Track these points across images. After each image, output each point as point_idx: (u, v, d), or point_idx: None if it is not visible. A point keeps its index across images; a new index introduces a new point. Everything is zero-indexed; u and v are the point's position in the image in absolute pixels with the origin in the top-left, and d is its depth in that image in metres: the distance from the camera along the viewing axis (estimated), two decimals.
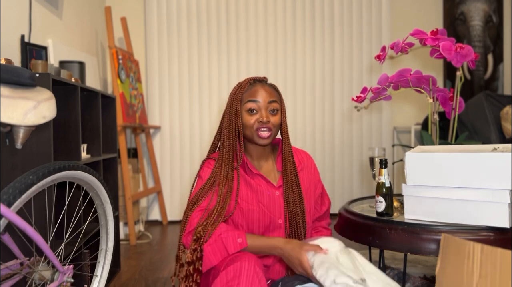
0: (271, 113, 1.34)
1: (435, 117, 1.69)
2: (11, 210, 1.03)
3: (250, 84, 1.37)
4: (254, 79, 1.39)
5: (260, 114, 1.33)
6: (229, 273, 1.14)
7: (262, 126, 1.33)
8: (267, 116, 1.33)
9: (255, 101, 1.33)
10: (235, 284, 1.12)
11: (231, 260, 1.17)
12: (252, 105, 1.33)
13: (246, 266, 1.14)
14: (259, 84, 1.37)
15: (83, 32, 3.09)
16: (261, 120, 1.32)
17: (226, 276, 1.14)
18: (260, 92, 1.34)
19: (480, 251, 0.85)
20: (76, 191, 1.56)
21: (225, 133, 1.36)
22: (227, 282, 1.13)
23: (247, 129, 1.35)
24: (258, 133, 1.33)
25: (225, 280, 1.14)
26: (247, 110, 1.34)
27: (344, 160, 3.95)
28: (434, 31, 1.57)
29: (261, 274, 1.15)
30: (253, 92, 1.34)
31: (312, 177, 1.50)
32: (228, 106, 1.38)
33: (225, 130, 1.36)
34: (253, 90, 1.35)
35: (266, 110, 1.33)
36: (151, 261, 2.63)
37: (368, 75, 3.95)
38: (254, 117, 1.33)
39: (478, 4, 4.15)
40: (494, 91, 4.15)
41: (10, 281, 1.23)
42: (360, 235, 1.46)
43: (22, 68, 1.14)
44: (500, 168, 1.22)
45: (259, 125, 1.33)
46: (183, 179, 3.76)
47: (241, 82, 1.38)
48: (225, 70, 3.80)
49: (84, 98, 2.17)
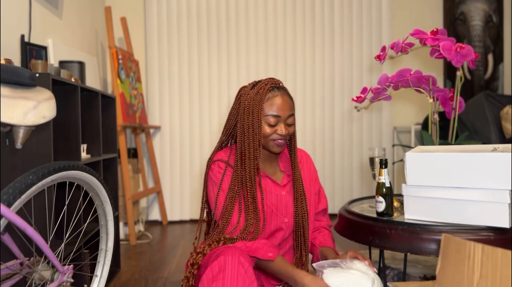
0: (288, 125, 1.36)
1: (435, 117, 1.69)
2: (11, 210, 1.03)
3: (269, 92, 1.34)
4: (274, 85, 1.36)
5: (280, 127, 1.34)
6: (214, 268, 1.16)
7: (280, 139, 1.35)
8: (286, 129, 1.34)
9: (276, 117, 1.33)
10: (221, 277, 1.13)
11: (216, 256, 1.19)
12: (273, 119, 1.33)
13: (229, 259, 1.15)
14: (279, 94, 1.35)
15: (83, 32, 3.09)
16: (280, 133, 1.34)
17: (212, 272, 1.16)
18: (282, 105, 1.33)
19: (480, 251, 0.84)
20: (76, 191, 1.55)
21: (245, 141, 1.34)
22: (213, 277, 1.15)
23: (263, 138, 1.36)
24: (275, 142, 1.35)
25: (210, 275, 1.16)
26: (267, 122, 1.33)
27: (344, 160, 3.95)
28: (434, 31, 1.57)
29: (246, 265, 1.16)
30: (275, 105, 1.33)
31: (311, 174, 1.53)
32: (246, 111, 1.34)
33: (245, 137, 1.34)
34: (274, 103, 1.33)
35: (284, 123, 1.35)
36: (151, 261, 2.63)
37: (368, 75, 3.95)
38: (273, 129, 1.34)
39: (478, 4, 4.14)
40: (494, 91, 4.15)
41: (10, 281, 1.23)
42: (360, 235, 1.46)
43: (22, 68, 1.14)
44: (500, 168, 1.22)
45: (276, 137, 1.34)
46: (183, 179, 3.76)
47: (260, 87, 1.34)
48: (225, 70, 3.80)
49: (84, 98, 2.17)
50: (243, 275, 1.14)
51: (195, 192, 3.74)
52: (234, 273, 1.13)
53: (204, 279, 1.17)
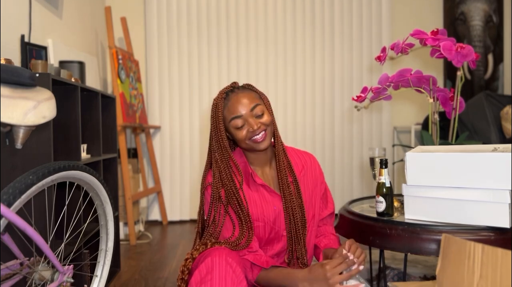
0: (257, 117, 1.30)
1: (436, 117, 1.69)
2: (11, 210, 1.03)
3: (224, 99, 1.32)
4: (226, 91, 1.34)
5: (248, 124, 1.29)
6: (202, 270, 1.15)
7: (255, 134, 1.29)
8: (256, 123, 1.29)
9: (238, 117, 1.29)
10: (209, 279, 1.13)
11: (204, 258, 1.18)
12: (238, 121, 1.29)
13: (217, 260, 1.15)
14: (233, 96, 1.31)
15: (83, 32, 3.09)
16: (252, 130, 1.29)
17: (200, 274, 1.15)
18: (238, 104, 1.29)
19: (480, 251, 0.84)
20: (76, 191, 1.55)
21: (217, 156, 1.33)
22: (201, 279, 1.14)
23: (243, 143, 1.32)
24: (254, 139, 1.30)
25: (199, 277, 1.15)
26: (234, 126, 1.30)
27: (344, 160, 3.95)
28: (434, 31, 1.57)
29: (234, 264, 1.15)
30: (231, 107, 1.30)
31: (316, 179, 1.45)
32: (212, 129, 1.33)
33: (216, 154, 1.33)
34: (230, 105, 1.30)
35: (252, 118, 1.29)
36: (151, 261, 2.63)
37: (368, 75, 3.95)
38: (244, 130, 1.30)
39: (478, 4, 4.14)
40: (494, 91, 4.15)
41: (10, 281, 1.23)
42: (360, 235, 1.46)
43: (22, 68, 1.13)
44: (500, 168, 1.22)
45: (251, 134, 1.29)
46: (183, 179, 3.76)
47: (216, 101, 1.33)
48: (225, 70, 3.80)
49: (84, 98, 2.17)
50: (231, 275, 1.13)
51: (195, 192, 3.74)
52: (222, 273, 1.13)
53: (192, 281, 1.16)
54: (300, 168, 1.42)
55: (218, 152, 1.33)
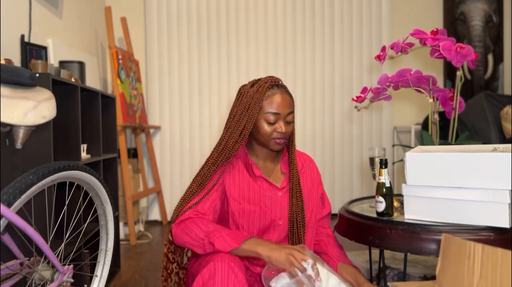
0: (287, 123, 1.35)
1: (435, 117, 1.69)
2: (11, 210, 1.03)
3: (269, 89, 1.34)
4: (273, 83, 1.36)
5: (279, 125, 1.34)
6: (205, 275, 1.15)
7: (279, 137, 1.34)
8: (286, 127, 1.34)
9: (275, 114, 1.33)
10: (211, 284, 1.13)
11: (206, 262, 1.19)
12: (272, 117, 1.33)
13: (219, 265, 1.15)
14: (279, 92, 1.34)
15: (83, 32, 3.09)
16: (280, 131, 1.33)
17: (202, 279, 1.16)
18: (281, 103, 1.33)
19: (480, 251, 0.84)
20: (76, 191, 1.55)
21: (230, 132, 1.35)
22: (203, 284, 1.15)
23: (263, 137, 1.35)
24: (276, 141, 1.35)
25: (201, 282, 1.15)
26: (266, 120, 1.33)
27: (344, 160, 3.95)
28: (434, 31, 1.57)
29: (236, 269, 1.16)
30: (274, 102, 1.33)
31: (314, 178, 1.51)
32: (242, 107, 1.34)
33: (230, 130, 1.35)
34: (274, 100, 1.33)
35: (284, 121, 1.34)
36: (151, 261, 2.63)
37: (368, 75, 3.95)
38: (272, 127, 1.34)
39: (478, 4, 4.14)
40: (494, 91, 4.15)
41: (10, 281, 1.23)
42: (360, 235, 1.46)
43: (22, 68, 1.13)
44: (500, 168, 1.22)
45: (277, 135, 1.34)
46: (183, 179, 3.76)
47: (260, 85, 1.34)
48: (225, 70, 3.80)
49: (84, 98, 2.17)
50: (234, 280, 1.13)
51: None
52: (224, 278, 1.13)
53: (195, 286, 1.16)
54: (300, 166, 1.48)
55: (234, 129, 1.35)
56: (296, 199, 1.39)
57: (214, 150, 1.38)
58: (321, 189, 1.53)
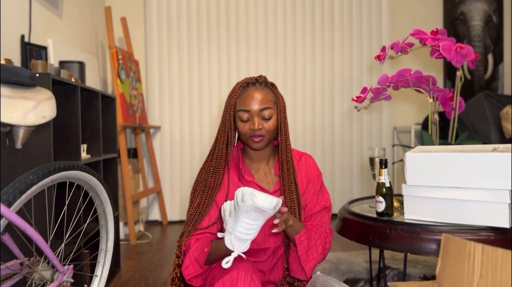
0: (263, 119, 1.31)
1: (435, 117, 1.69)
2: (11, 210, 1.03)
3: (243, 88, 1.33)
4: (248, 81, 1.34)
5: (252, 121, 1.30)
6: (226, 282, 1.14)
7: (255, 134, 1.30)
8: (259, 123, 1.29)
9: (246, 111, 1.30)
10: None
11: (228, 269, 1.16)
12: (244, 114, 1.31)
13: (242, 275, 1.14)
14: (252, 89, 1.32)
15: (83, 32, 3.09)
16: (253, 128, 1.29)
17: (223, 285, 1.14)
18: (252, 100, 1.30)
19: (481, 251, 0.84)
20: (76, 191, 1.55)
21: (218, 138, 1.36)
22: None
23: (242, 136, 1.34)
24: (252, 139, 1.31)
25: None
26: (240, 118, 1.32)
27: (344, 160, 3.94)
28: (434, 31, 1.57)
29: (257, 282, 1.15)
30: (244, 100, 1.31)
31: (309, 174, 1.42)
32: (223, 111, 1.36)
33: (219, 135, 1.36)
34: (244, 97, 1.31)
35: (258, 117, 1.30)
36: (151, 261, 2.63)
37: (368, 75, 3.95)
38: (247, 125, 1.31)
39: (478, 4, 4.14)
40: (494, 91, 4.15)
41: (10, 281, 1.23)
42: (360, 235, 1.46)
43: (22, 68, 1.14)
44: (500, 168, 1.22)
45: (252, 132, 1.30)
46: (183, 179, 3.76)
47: (235, 86, 1.35)
48: (225, 70, 3.80)
49: (84, 98, 2.17)
50: None
51: None
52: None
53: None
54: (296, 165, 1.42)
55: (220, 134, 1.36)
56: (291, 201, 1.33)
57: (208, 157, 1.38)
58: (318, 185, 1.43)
